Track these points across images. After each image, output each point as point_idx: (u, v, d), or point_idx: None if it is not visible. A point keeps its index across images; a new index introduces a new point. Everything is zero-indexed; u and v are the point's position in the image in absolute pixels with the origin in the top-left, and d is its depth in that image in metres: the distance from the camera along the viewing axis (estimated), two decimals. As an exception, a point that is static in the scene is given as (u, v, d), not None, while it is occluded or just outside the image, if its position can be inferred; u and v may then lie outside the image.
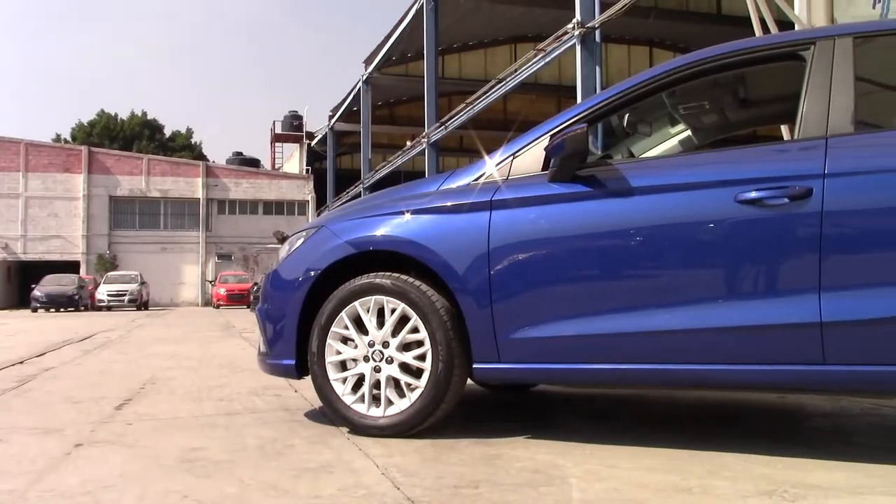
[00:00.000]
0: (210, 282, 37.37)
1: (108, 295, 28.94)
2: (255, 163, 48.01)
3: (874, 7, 7.27)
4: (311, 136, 42.88)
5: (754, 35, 7.59)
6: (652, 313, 2.59)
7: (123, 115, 56.07)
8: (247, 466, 2.50)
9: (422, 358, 2.87)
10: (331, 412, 3.06)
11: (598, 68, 9.38)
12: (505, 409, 3.71)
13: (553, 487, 2.22)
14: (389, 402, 2.91)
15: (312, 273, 3.09)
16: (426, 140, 19.44)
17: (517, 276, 2.77)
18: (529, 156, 2.91)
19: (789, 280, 2.46)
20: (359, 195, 27.13)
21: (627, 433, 3.04)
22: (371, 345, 2.95)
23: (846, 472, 2.37)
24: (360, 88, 28.18)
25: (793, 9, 8.09)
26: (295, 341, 3.10)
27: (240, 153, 48.91)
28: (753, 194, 2.49)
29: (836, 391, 3.07)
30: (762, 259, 2.51)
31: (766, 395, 3.91)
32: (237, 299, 30.38)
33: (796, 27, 7.81)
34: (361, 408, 2.95)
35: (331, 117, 35.66)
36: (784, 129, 6.14)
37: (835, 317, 2.37)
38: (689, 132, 3.86)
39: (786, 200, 2.45)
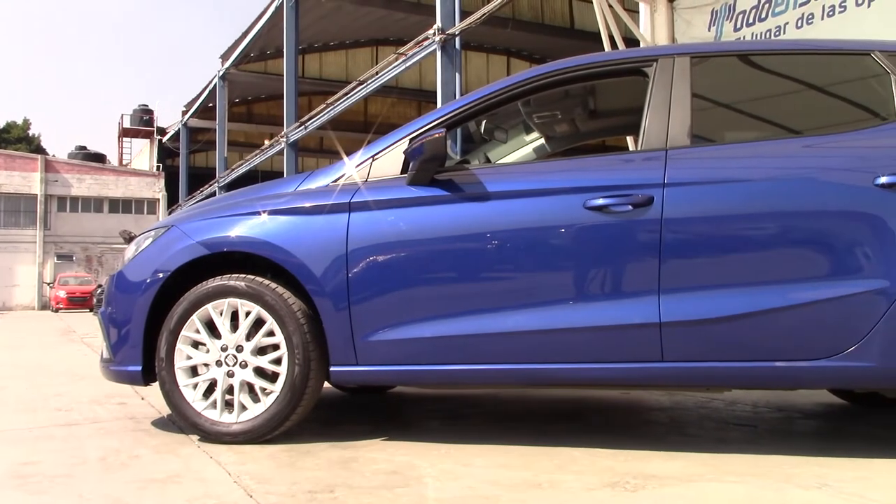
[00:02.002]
0: (48, 284, 34.83)
1: (-72, 298, 26.34)
2: (100, 158, 45.14)
3: (709, 30, 7.86)
4: (162, 131, 40.92)
5: (603, 50, 8.00)
6: (506, 315, 2.67)
7: (-53, 101, 51.24)
8: (87, 480, 2.35)
9: (277, 362, 2.81)
10: (180, 419, 2.93)
11: (457, 74, 9.55)
12: (362, 411, 3.70)
13: (409, 488, 2.23)
14: (243, 408, 2.83)
15: (161, 275, 2.95)
16: (285, 139, 19.06)
17: (375, 278, 2.77)
18: (389, 158, 2.92)
19: (632, 283, 2.61)
20: (213, 194, 26.17)
21: (482, 432, 3.12)
22: (224, 349, 2.86)
23: (681, 461, 2.54)
24: (216, 84, 27.21)
25: (638, 27, 8.59)
26: (141, 346, 2.95)
27: (84, 147, 45.86)
28: (600, 201, 2.62)
29: (673, 386, 3.28)
30: (608, 263, 2.65)
31: (611, 392, 4.12)
32: (78, 302, 28.56)
33: (641, 44, 8.31)
34: (213, 414, 2.84)
35: (184, 113, 34.18)
36: (630, 140, 6.50)
37: (672, 317, 2.54)
38: (542, 140, 4.01)
39: (629, 208, 2.60)
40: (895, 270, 2.42)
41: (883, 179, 2.47)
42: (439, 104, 9.01)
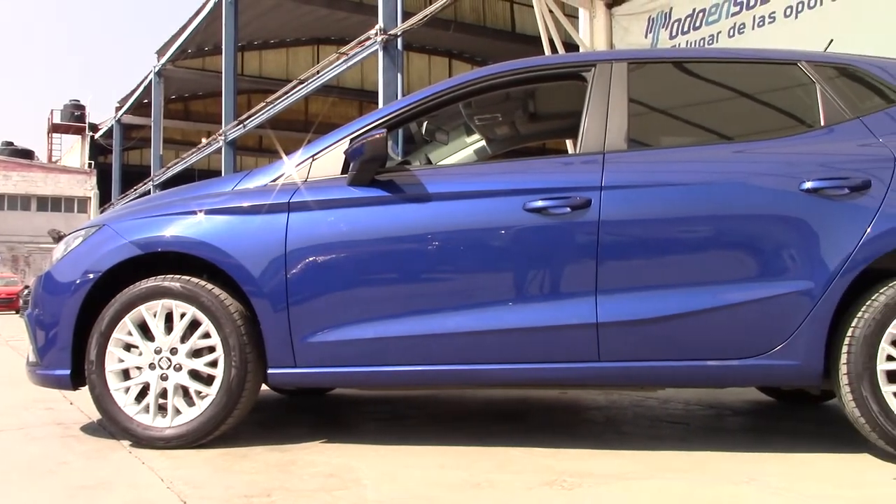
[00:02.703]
0: (-29, 285, 33.42)
1: None
2: (28, 154, 43.54)
3: (646, 37, 8.03)
4: (95, 127, 39.65)
5: (544, 54, 8.09)
6: (446, 316, 2.68)
7: None
8: (12, 489, 2.27)
9: (213, 364, 2.75)
10: (111, 425, 2.85)
11: (399, 75, 9.54)
12: (300, 413, 3.66)
13: (348, 491, 2.22)
14: (177, 412, 2.76)
15: (91, 275, 2.86)
16: (223, 138, 18.72)
17: (315, 279, 2.74)
18: (329, 158, 2.90)
19: (570, 284, 2.65)
20: (148, 193, 25.53)
21: (421, 433, 3.12)
22: (158, 351, 2.79)
23: (617, 459, 2.59)
24: (151, 80, 26.54)
25: (578, 32, 8.72)
26: (70, 349, 2.86)
27: (10, 143, 44.15)
28: (539, 203, 2.66)
29: (609, 386, 3.34)
30: (547, 264, 2.68)
31: (550, 392, 4.17)
32: (4, 304, 27.47)
33: (580, 49, 8.44)
34: (146, 418, 2.77)
35: (118, 109, 33.21)
36: (569, 143, 6.60)
37: (609, 318, 2.59)
38: (483, 142, 4.03)
39: (568, 210, 2.64)
40: (819, 272, 2.52)
41: (808, 185, 2.57)
42: (381, 105, 8.98)
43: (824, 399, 3.69)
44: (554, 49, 8.30)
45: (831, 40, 3.25)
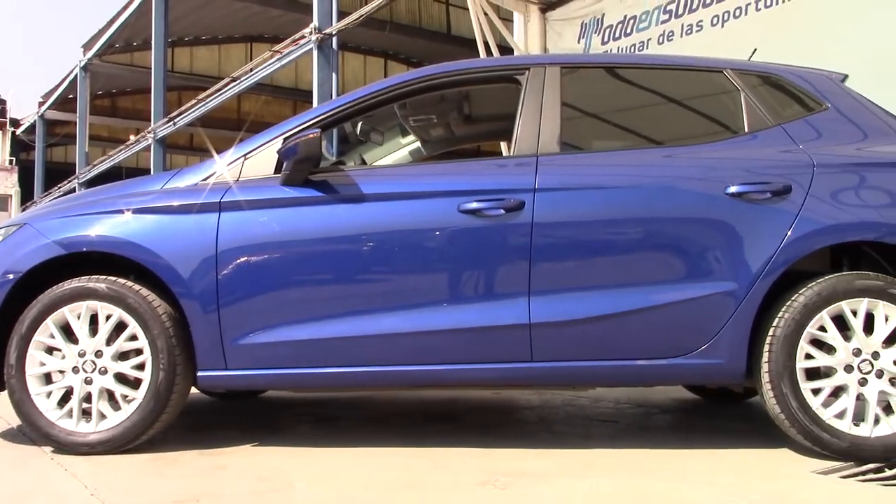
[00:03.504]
0: None
1: None
2: (-57, 149, 41.56)
3: (579, 42, 8.17)
4: (16, 123, 38.10)
5: (479, 56, 8.15)
6: (380, 317, 2.67)
7: None
8: (-79, 499, 2.16)
9: (140, 367, 2.68)
10: (32, 430, 2.74)
11: (334, 75, 9.44)
12: (231, 416, 3.60)
13: (279, 494, 2.19)
14: (102, 416, 2.68)
15: (11, 276, 2.75)
16: (152, 135, 18.24)
17: (246, 280, 2.70)
18: (262, 158, 2.86)
19: (503, 285, 2.67)
20: (73, 191, 24.67)
21: (355, 435, 3.10)
22: (82, 354, 2.70)
23: (550, 458, 2.62)
24: (77, 75, 25.66)
25: (513, 36, 8.82)
26: None
27: (-76, 137, 42.06)
28: (474, 205, 2.67)
29: (542, 386, 3.38)
30: (481, 266, 2.70)
31: (484, 392, 4.20)
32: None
33: (515, 53, 8.53)
34: (69, 424, 2.68)
35: (41, 104, 32.00)
36: (504, 145, 6.66)
37: (541, 318, 2.62)
38: (418, 143, 4.03)
39: (502, 212, 2.66)
40: (742, 274, 2.60)
41: (732, 189, 2.65)
42: (315, 104, 8.89)
43: (747, 397, 3.82)
44: (489, 52, 8.37)
45: (755, 49, 3.37)
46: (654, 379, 2.86)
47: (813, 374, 2.57)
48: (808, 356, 2.56)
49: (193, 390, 2.87)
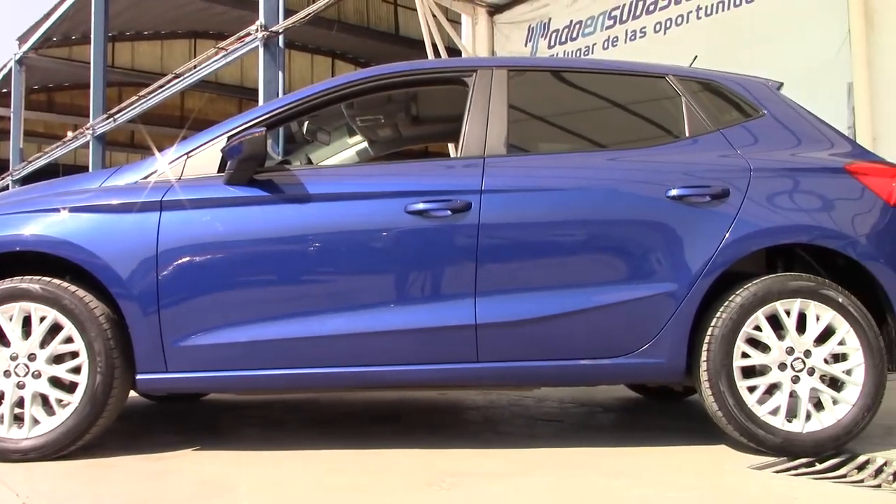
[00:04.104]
0: None
1: None
2: None
3: (526, 45, 8.26)
4: (-55, 117, 36.70)
5: (427, 57, 8.16)
6: (326, 318, 2.65)
7: None
8: None
9: (76, 370, 2.60)
10: (-40, 437, 2.64)
11: (280, 73, 9.34)
12: (172, 420, 3.52)
13: (222, 499, 2.16)
14: (35, 422, 2.59)
15: (-61, 276, 2.65)
16: (91, 132, 17.75)
17: (188, 280, 2.65)
18: (205, 156, 2.81)
19: (450, 286, 2.68)
20: (6, 188, 23.85)
21: (300, 438, 3.07)
22: (14, 358, 2.61)
23: (495, 458, 2.64)
24: (11, 69, 24.82)
25: (461, 38, 8.85)
26: None
27: None
28: (421, 206, 2.67)
29: (488, 386, 3.40)
30: (427, 267, 2.70)
31: (430, 393, 4.21)
32: None
33: (463, 55, 8.57)
34: None
35: (-28, 98, 30.85)
36: (451, 146, 6.68)
37: (487, 319, 2.64)
38: (365, 144, 4.02)
39: (449, 213, 2.67)
40: (683, 275, 2.66)
41: (673, 192, 2.71)
42: (261, 102, 8.77)
43: (687, 395, 3.91)
44: (437, 53, 8.39)
45: (696, 56, 3.45)
46: (597, 378, 2.91)
47: (749, 372, 2.65)
48: (745, 355, 2.63)
49: (132, 394, 2.80)
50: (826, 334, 2.64)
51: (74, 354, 2.61)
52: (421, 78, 3.14)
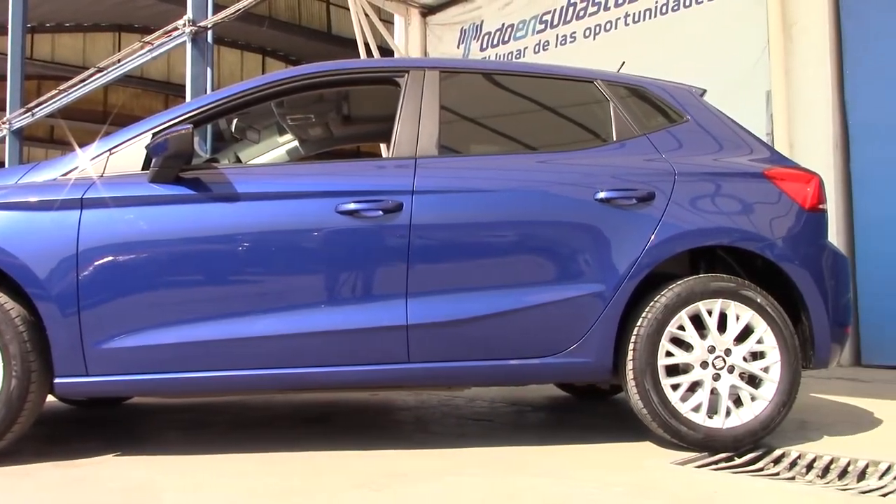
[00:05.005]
0: None
1: None
2: None
3: (458, 47, 8.30)
4: None
5: (359, 57, 8.11)
6: (254, 319, 2.61)
7: None
8: None
9: (-10, 374, 2.49)
10: None
11: (209, 69, 9.13)
12: (92, 426, 3.41)
13: (145, 505, 2.10)
14: (-55, 429, 2.48)
15: None
16: (7, 126, 17.02)
17: (110, 281, 2.56)
18: (129, 153, 2.73)
19: (381, 286, 2.68)
20: (-86, 184, 22.60)
21: (228, 441, 3.01)
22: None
23: (426, 458, 2.64)
24: (-81, 58, 23.58)
25: (393, 38, 8.84)
26: None
27: None
28: (352, 206, 2.66)
29: (419, 386, 3.40)
30: (359, 267, 2.69)
31: (360, 394, 4.19)
32: None
33: (395, 55, 8.55)
34: None
35: None
36: (383, 147, 6.65)
37: (418, 319, 2.64)
38: (295, 143, 3.97)
39: (380, 213, 2.66)
40: (610, 276, 2.72)
41: (601, 195, 2.77)
42: (188, 99, 8.57)
43: (613, 393, 4.00)
44: (370, 53, 8.35)
45: (623, 62, 3.53)
46: (526, 378, 2.94)
47: (673, 370, 2.73)
48: (669, 353, 2.70)
49: (50, 398, 2.70)
50: (745, 333, 2.74)
51: (-12, 358, 2.50)
52: (353, 77, 3.12)
